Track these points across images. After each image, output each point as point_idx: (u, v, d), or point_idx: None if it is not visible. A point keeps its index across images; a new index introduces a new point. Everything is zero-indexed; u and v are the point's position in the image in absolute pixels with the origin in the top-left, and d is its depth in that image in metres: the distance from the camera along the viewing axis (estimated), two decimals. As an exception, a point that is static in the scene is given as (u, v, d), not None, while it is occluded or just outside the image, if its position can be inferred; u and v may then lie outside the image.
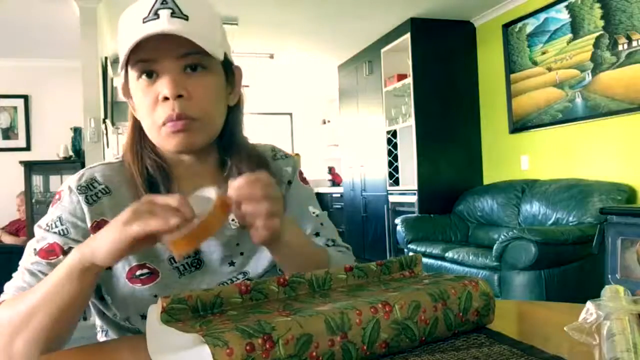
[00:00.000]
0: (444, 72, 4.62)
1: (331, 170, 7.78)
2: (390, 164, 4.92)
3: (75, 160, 3.96)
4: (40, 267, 0.73)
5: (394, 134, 4.89)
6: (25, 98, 5.48)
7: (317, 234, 0.91)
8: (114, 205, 0.79)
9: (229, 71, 0.83)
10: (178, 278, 0.79)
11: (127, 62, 0.75)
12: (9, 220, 4.86)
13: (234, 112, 0.86)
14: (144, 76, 0.75)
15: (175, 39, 0.71)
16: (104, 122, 3.98)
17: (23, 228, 4.43)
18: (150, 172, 0.80)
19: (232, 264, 0.83)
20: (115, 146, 5.29)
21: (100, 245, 0.62)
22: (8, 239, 4.58)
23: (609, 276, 2.69)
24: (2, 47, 4.96)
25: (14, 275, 0.77)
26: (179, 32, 0.71)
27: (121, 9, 0.77)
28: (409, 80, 4.59)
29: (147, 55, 0.73)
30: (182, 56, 0.74)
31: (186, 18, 0.72)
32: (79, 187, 0.79)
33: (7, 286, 0.75)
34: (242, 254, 0.83)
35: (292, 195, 0.92)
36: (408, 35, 4.57)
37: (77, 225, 0.77)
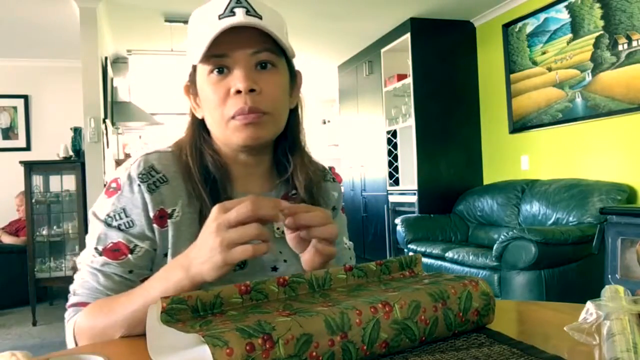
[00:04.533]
0: (444, 72, 4.62)
1: (331, 170, 7.78)
2: (390, 164, 4.92)
3: (75, 160, 3.95)
4: (113, 269, 0.75)
5: (394, 134, 4.89)
6: (25, 98, 5.48)
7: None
8: (170, 194, 0.79)
9: (293, 74, 0.86)
10: None
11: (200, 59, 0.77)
12: (9, 220, 4.86)
13: (293, 115, 0.88)
14: (215, 71, 0.78)
15: (249, 36, 0.76)
16: (104, 122, 3.98)
17: (23, 228, 4.43)
18: (210, 169, 0.81)
19: (275, 269, 0.84)
20: (115, 146, 5.30)
21: (208, 270, 0.63)
22: (8, 239, 4.58)
23: (609, 276, 2.69)
24: (2, 47, 4.96)
25: (76, 276, 0.78)
26: (256, 25, 0.74)
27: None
28: (409, 80, 4.59)
29: (221, 50, 0.76)
30: (254, 52, 0.77)
31: (260, 17, 0.76)
32: (140, 175, 0.78)
33: (77, 287, 0.76)
34: (285, 261, 0.84)
35: (336, 223, 0.94)
36: (408, 35, 4.57)
37: (142, 216, 0.77)
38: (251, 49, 0.77)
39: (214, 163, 0.82)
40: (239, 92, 0.76)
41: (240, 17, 0.74)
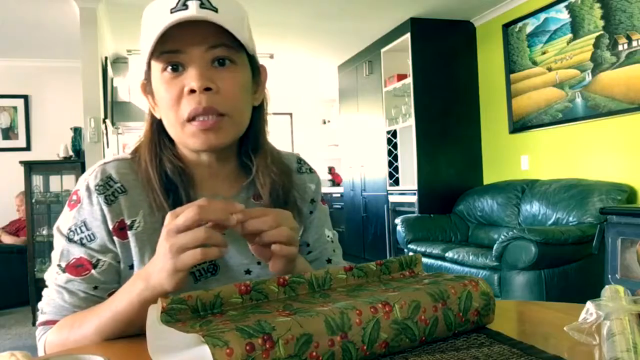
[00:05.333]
0: (444, 72, 4.62)
1: (331, 170, 7.78)
2: (390, 164, 4.92)
3: (75, 160, 3.95)
4: (77, 286, 0.74)
5: (394, 134, 4.89)
6: (25, 98, 5.48)
7: (329, 260, 0.90)
8: (130, 205, 0.77)
9: (255, 70, 0.81)
10: (194, 283, 0.77)
11: (151, 55, 0.72)
12: (9, 220, 4.86)
13: (258, 113, 0.83)
14: (169, 68, 0.73)
15: (205, 31, 0.71)
16: (104, 122, 3.98)
17: (23, 228, 4.43)
18: (170, 175, 0.77)
19: (248, 272, 0.81)
20: (115, 146, 5.30)
21: (165, 279, 0.62)
22: (8, 239, 4.58)
23: (609, 276, 2.69)
24: (2, 47, 4.95)
25: (44, 293, 0.77)
26: (209, 19, 0.69)
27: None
28: (409, 80, 4.59)
29: (174, 46, 0.71)
30: (210, 48, 0.72)
31: (215, 10, 0.70)
32: (97, 187, 0.76)
33: (44, 305, 0.76)
34: (259, 263, 0.81)
35: (314, 217, 0.91)
36: (408, 35, 4.57)
37: (102, 229, 0.76)
38: (206, 45, 0.72)
39: (173, 169, 0.78)
40: (193, 91, 0.71)
41: (192, 10, 0.69)
